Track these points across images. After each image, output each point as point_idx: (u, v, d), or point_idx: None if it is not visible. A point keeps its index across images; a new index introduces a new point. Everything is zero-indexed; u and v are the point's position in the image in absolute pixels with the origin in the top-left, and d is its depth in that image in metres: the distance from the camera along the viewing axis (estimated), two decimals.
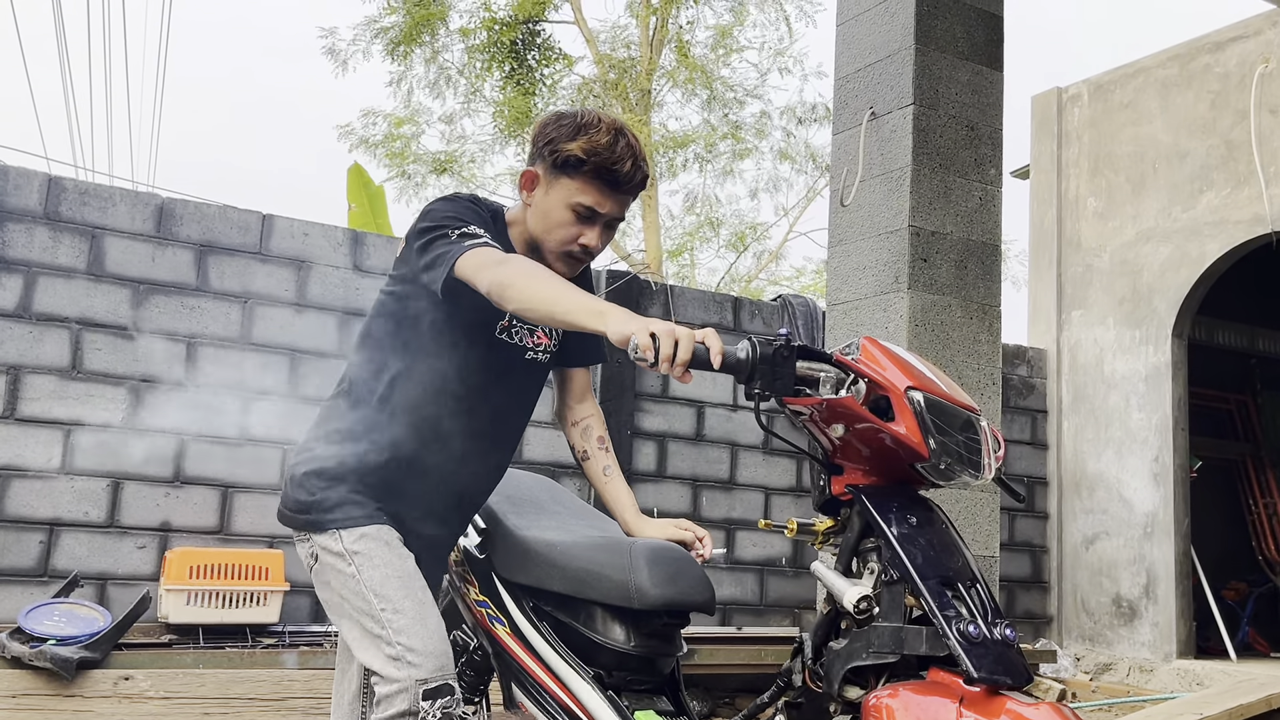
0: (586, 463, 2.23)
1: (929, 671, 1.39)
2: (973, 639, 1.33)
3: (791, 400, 1.50)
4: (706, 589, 1.95)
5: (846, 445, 1.51)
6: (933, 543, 1.45)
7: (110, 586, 4.75)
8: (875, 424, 1.44)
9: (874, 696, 1.36)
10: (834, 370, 1.52)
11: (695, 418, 6.44)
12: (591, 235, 2.02)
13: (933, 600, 1.37)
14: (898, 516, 1.46)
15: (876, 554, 1.49)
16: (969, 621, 1.35)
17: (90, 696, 4.08)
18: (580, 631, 1.99)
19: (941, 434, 1.46)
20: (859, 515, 1.51)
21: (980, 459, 1.50)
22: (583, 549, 2.02)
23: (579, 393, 2.27)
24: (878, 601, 1.44)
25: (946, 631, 1.34)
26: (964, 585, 1.41)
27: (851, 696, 1.46)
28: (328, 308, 5.34)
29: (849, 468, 1.54)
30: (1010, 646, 1.36)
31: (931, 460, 1.44)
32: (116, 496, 4.80)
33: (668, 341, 1.47)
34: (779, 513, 6.64)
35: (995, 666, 1.33)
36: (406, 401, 2.01)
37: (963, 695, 1.32)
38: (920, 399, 1.45)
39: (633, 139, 2.01)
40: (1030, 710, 1.27)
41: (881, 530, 1.44)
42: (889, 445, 1.47)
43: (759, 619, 6.47)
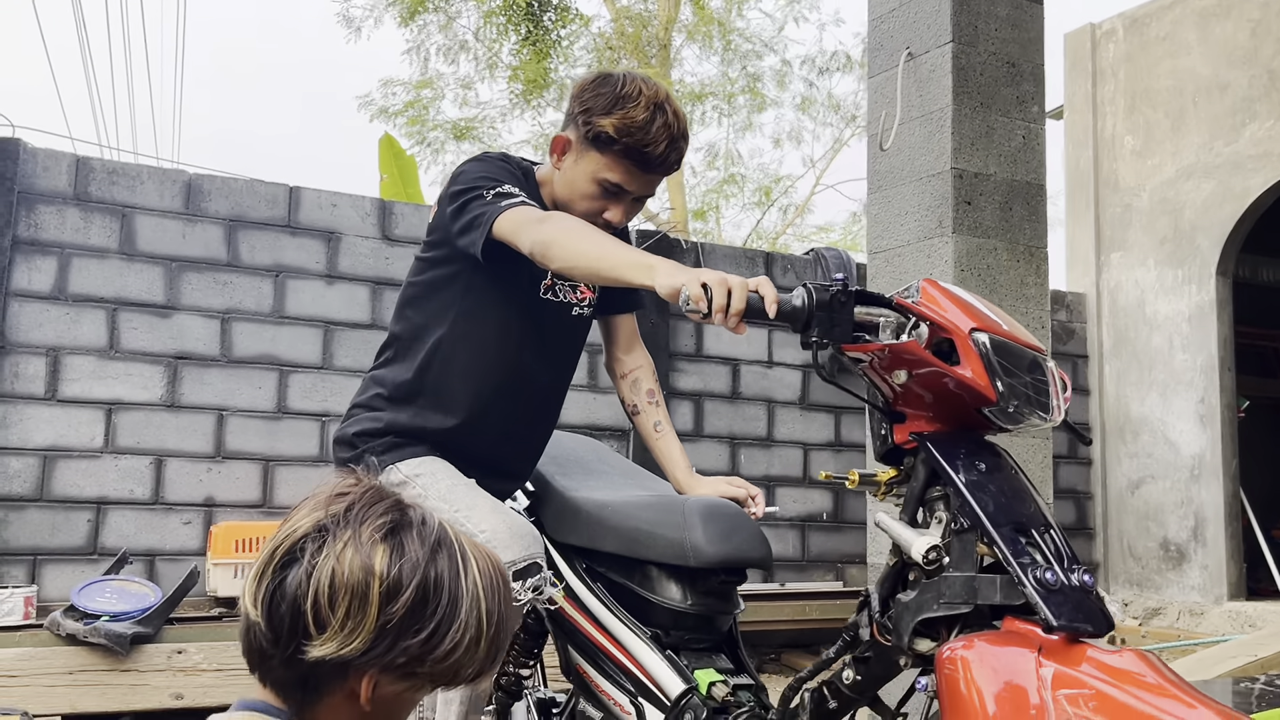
0: (637, 418, 2.19)
1: (1004, 621, 1.34)
2: (1050, 586, 1.29)
3: (850, 347, 1.44)
4: (763, 545, 1.91)
5: (908, 392, 1.46)
6: (1003, 489, 1.40)
7: (159, 562, 4.79)
8: (940, 368, 1.39)
9: (948, 648, 1.32)
10: (893, 314, 1.47)
11: (731, 375, 6.39)
12: (616, 211, 1.96)
13: (1007, 547, 1.32)
14: (965, 463, 1.41)
15: (944, 502, 1.44)
16: (1045, 568, 1.30)
17: (145, 670, 4.12)
18: (635, 591, 1.96)
19: (1009, 376, 1.40)
20: (924, 464, 1.46)
21: (1049, 400, 1.45)
22: (635, 508, 1.99)
23: (626, 341, 2.22)
24: (947, 551, 1.40)
25: (1023, 579, 1.29)
26: (1037, 531, 1.36)
27: (922, 649, 1.42)
28: (359, 278, 5.32)
29: (912, 415, 1.48)
30: (1089, 593, 1.32)
31: (999, 404, 1.39)
32: (160, 473, 4.83)
33: (720, 291, 1.42)
34: (818, 467, 6.59)
35: (1075, 614, 1.28)
36: (452, 367, 1.98)
37: (1041, 644, 1.27)
38: (986, 340, 1.40)
39: (672, 115, 1.92)
40: (1113, 657, 1.23)
41: (949, 477, 1.40)
42: (953, 390, 1.42)
43: (801, 574, 6.45)
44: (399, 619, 1.06)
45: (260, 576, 1.08)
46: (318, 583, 1.05)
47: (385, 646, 1.06)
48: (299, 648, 1.05)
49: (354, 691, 1.08)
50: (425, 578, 1.08)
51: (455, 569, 1.11)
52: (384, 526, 1.09)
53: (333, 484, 1.15)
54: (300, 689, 1.09)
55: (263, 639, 1.08)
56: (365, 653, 1.05)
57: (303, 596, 1.05)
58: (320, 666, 1.06)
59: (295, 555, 1.07)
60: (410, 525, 1.12)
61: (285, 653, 1.07)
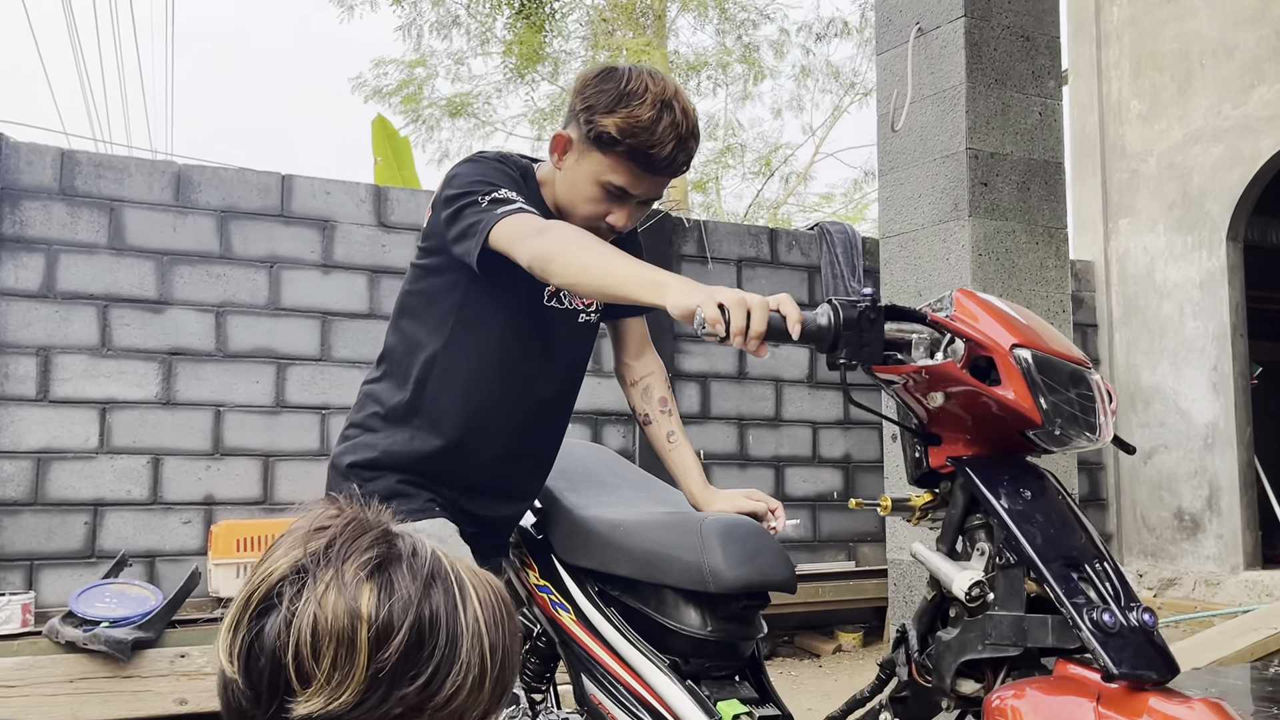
0: (649, 428, 2.08)
1: (1056, 665, 1.25)
2: (1108, 629, 1.19)
3: (881, 369, 1.34)
4: (787, 567, 1.80)
5: (944, 413, 1.35)
6: (1051, 519, 1.29)
7: (159, 563, 4.71)
8: (980, 390, 1.28)
9: (997, 697, 1.22)
10: (927, 331, 1.36)
11: (737, 356, 6.28)
12: (620, 215, 1.83)
13: (1059, 586, 1.22)
14: (1009, 490, 1.31)
15: (985, 531, 1.34)
16: (1102, 609, 1.20)
17: (148, 676, 4.05)
18: (651, 617, 1.85)
19: (1053, 394, 1.29)
20: (963, 490, 1.36)
21: (1095, 419, 1.34)
22: (649, 529, 1.88)
23: (636, 347, 2.11)
24: (991, 587, 1.29)
25: (1078, 621, 1.19)
26: (1090, 566, 1.26)
27: (966, 691, 1.32)
28: (356, 267, 5.20)
29: (948, 437, 1.38)
30: (1150, 634, 1.22)
31: (1044, 426, 1.28)
32: (157, 473, 4.74)
33: (739, 313, 1.31)
34: (827, 446, 6.50)
35: (1136, 659, 1.18)
36: (450, 383, 1.86)
37: (1100, 693, 1.17)
38: (1028, 358, 1.29)
39: (680, 113, 1.78)
40: (1182, 709, 1.13)
41: (992, 507, 1.29)
42: (994, 412, 1.31)
43: (814, 555, 6.38)
44: (392, 666, 0.94)
45: (234, 627, 0.96)
46: (298, 631, 0.93)
47: (379, 698, 0.94)
48: (283, 706, 0.93)
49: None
50: (419, 617, 0.96)
51: (453, 603, 0.99)
52: (370, 563, 0.97)
53: (311, 517, 1.02)
54: None
55: (242, 698, 0.96)
56: (357, 706, 0.93)
57: (282, 649, 0.93)
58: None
59: (272, 601, 0.95)
60: (400, 558, 0.99)
61: (268, 712, 0.95)
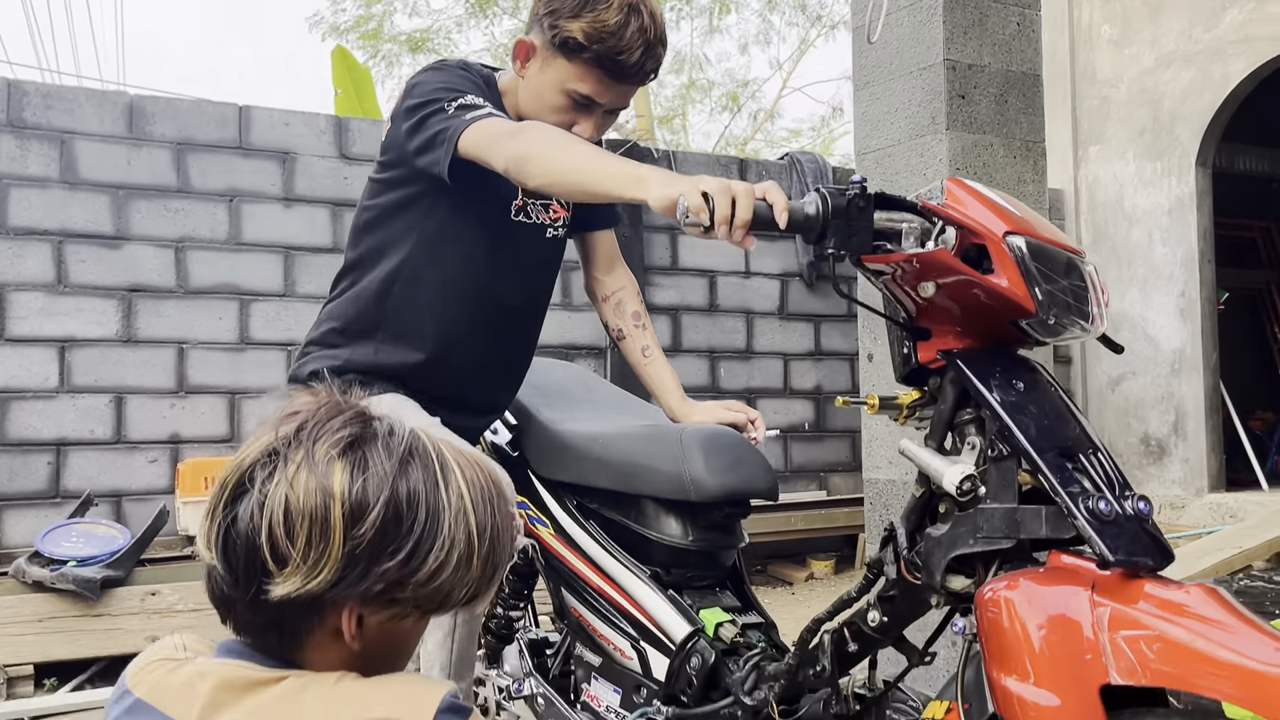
0: (623, 343, 2.03)
1: (1049, 556, 1.22)
2: (1104, 517, 1.16)
3: (870, 258, 1.29)
4: (768, 475, 1.77)
5: (934, 306, 1.31)
6: (1044, 410, 1.26)
7: (125, 503, 4.64)
8: (973, 278, 1.24)
9: (989, 588, 1.19)
10: (917, 220, 1.31)
11: (708, 288, 6.24)
12: (587, 125, 1.77)
13: (1053, 475, 1.19)
14: (1001, 382, 1.27)
15: (976, 427, 1.31)
16: (1097, 497, 1.17)
17: (118, 614, 4.00)
18: (631, 529, 1.82)
19: (1047, 283, 1.26)
20: (953, 384, 1.32)
21: (1089, 308, 1.31)
22: (628, 440, 1.84)
23: (605, 261, 2.06)
24: (983, 480, 1.26)
25: (1073, 510, 1.16)
26: (1084, 455, 1.23)
27: (956, 587, 1.30)
28: (318, 200, 5.09)
29: (938, 331, 1.34)
30: (1145, 522, 1.19)
31: (1038, 314, 1.25)
32: (121, 411, 4.64)
33: (724, 200, 1.25)
34: (799, 378, 6.49)
35: (1132, 546, 1.15)
36: (415, 296, 1.80)
37: (1095, 581, 1.15)
38: (1022, 245, 1.25)
39: (648, 18, 1.71)
40: (1177, 593, 1.11)
41: (984, 399, 1.26)
42: (986, 302, 1.27)
43: (785, 485, 6.39)
44: (369, 542, 0.92)
45: (211, 515, 0.96)
46: (270, 513, 0.92)
47: (357, 575, 0.92)
48: (261, 587, 0.93)
49: (337, 629, 0.96)
50: (395, 493, 0.94)
51: (433, 479, 0.97)
52: (342, 441, 0.96)
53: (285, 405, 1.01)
54: (276, 632, 0.97)
55: (223, 584, 0.96)
56: (336, 584, 0.92)
57: (255, 531, 0.92)
58: (289, 606, 0.93)
59: (245, 486, 0.95)
60: (375, 437, 0.98)
61: (247, 595, 0.94)
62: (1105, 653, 1.10)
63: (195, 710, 0.95)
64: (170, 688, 0.98)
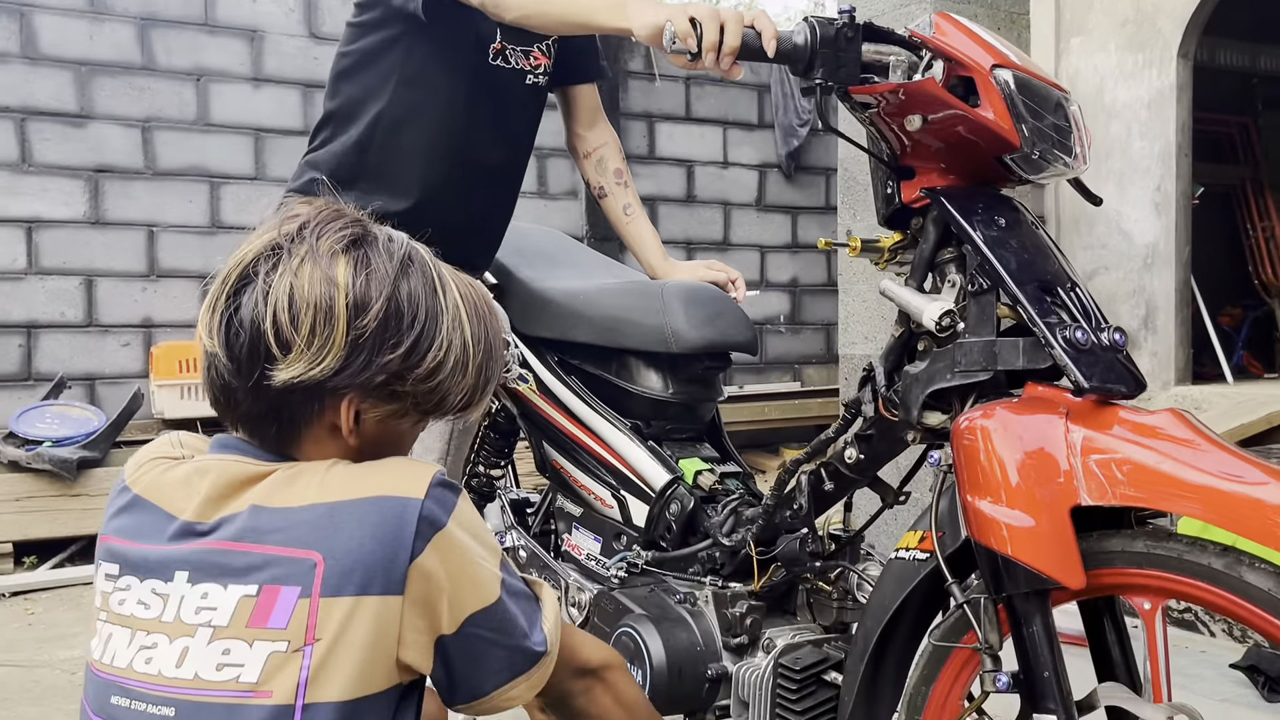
0: (604, 201, 2.02)
1: (1025, 387, 1.24)
2: (1080, 346, 1.18)
3: (858, 89, 1.28)
4: (748, 328, 1.79)
5: (919, 143, 1.31)
6: (1025, 245, 1.27)
7: (99, 386, 4.62)
8: (959, 109, 1.23)
9: (965, 418, 1.21)
10: (904, 54, 1.30)
11: (685, 177, 6.19)
12: None
13: (1032, 306, 1.20)
14: (984, 218, 1.28)
15: (957, 265, 1.31)
16: (1074, 327, 1.19)
17: (95, 495, 4.02)
18: (612, 382, 1.84)
19: (1033, 118, 1.25)
20: (935, 223, 1.33)
21: (1072, 145, 1.31)
22: (609, 295, 1.85)
23: (587, 117, 2.03)
24: (962, 316, 1.28)
25: (1050, 340, 1.18)
26: (1063, 289, 1.24)
27: (933, 423, 1.32)
28: (288, 81, 4.98)
29: (922, 169, 1.33)
30: (1119, 352, 1.21)
31: (1023, 149, 1.24)
32: (91, 294, 4.60)
33: (712, 26, 1.23)
34: (775, 271, 6.50)
35: (1107, 374, 1.17)
36: (396, 145, 1.79)
37: (1069, 408, 1.17)
38: (1009, 79, 1.24)
39: None
40: (1148, 418, 1.13)
41: (967, 234, 1.26)
42: (968, 137, 1.27)
43: (759, 377, 6.45)
44: (372, 332, 0.95)
45: (213, 307, 0.98)
46: (276, 301, 0.94)
47: (360, 364, 0.95)
48: (264, 374, 0.95)
49: (334, 424, 0.98)
50: (396, 290, 0.97)
51: (430, 285, 1.00)
52: (345, 239, 0.98)
53: (285, 209, 1.02)
54: (274, 421, 0.99)
55: (225, 371, 0.97)
56: (340, 371, 0.95)
57: (261, 317, 0.94)
58: (291, 394, 0.95)
59: (249, 277, 0.96)
60: (375, 240, 1.00)
61: (249, 382, 0.96)
62: (1077, 475, 1.13)
63: (194, 505, 0.96)
64: (168, 484, 1.00)
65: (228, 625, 0.91)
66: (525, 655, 1.01)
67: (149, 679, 0.92)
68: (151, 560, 0.95)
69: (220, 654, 0.91)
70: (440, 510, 0.94)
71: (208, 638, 0.91)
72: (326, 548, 0.91)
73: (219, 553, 0.93)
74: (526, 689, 1.02)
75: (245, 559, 0.92)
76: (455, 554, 0.95)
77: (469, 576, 0.96)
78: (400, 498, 0.93)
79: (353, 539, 0.91)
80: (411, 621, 0.92)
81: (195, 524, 0.95)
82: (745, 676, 1.50)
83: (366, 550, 0.91)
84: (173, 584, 0.94)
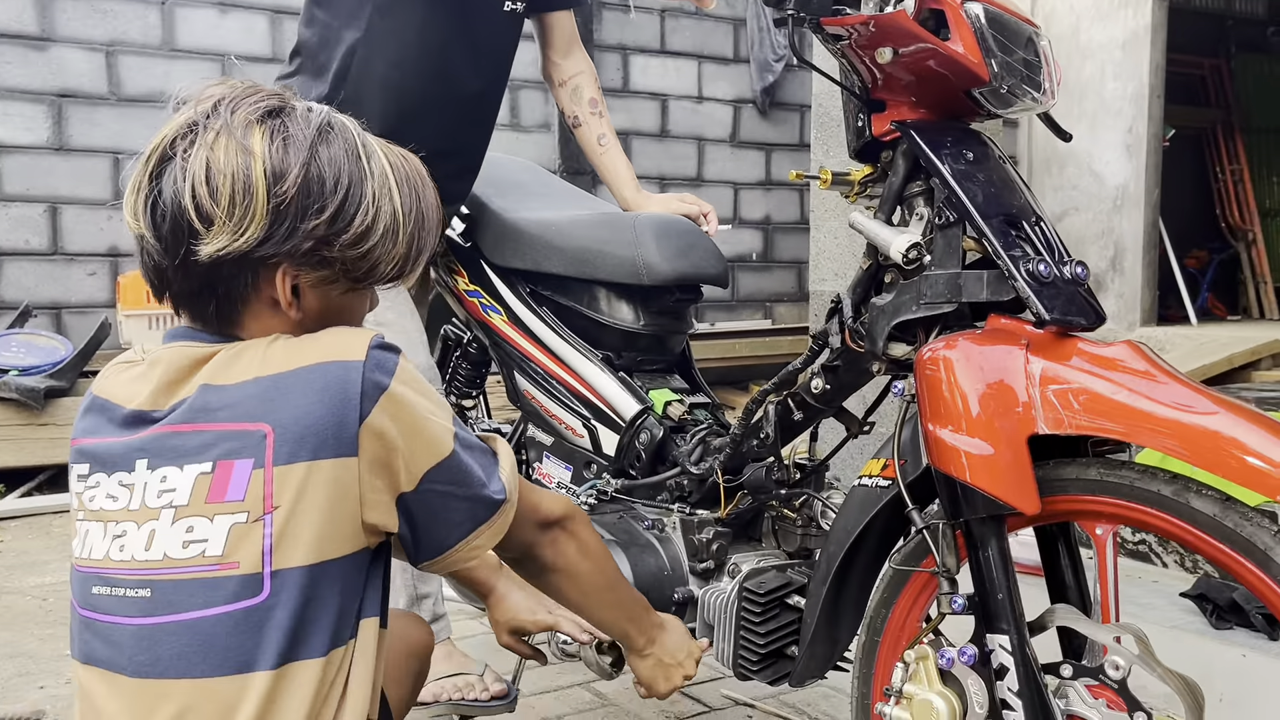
0: (578, 130, 2.01)
1: (988, 319, 1.27)
2: (1042, 279, 1.20)
3: (829, 21, 1.28)
4: (719, 261, 1.80)
5: (890, 77, 1.31)
6: (992, 179, 1.29)
7: (66, 315, 4.58)
8: (929, 42, 1.24)
9: (928, 349, 1.24)
10: None
11: (659, 112, 6.15)
12: None
13: (997, 239, 1.22)
14: (952, 152, 1.29)
15: (925, 198, 1.33)
16: (1037, 260, 1.21)
17: (63, 424, 4.00)
18: (584, 314, 1.85)
19: (1003, 52, 1.26)
20: (904, 156, 1.34)
21: (1041, 80, 1.32)
22: (582, 226, 1.85)
23: (563, 44, 2.02)
24: (929, 249, 1.30)
25: (1013, 272, 1.20)
26: (1028, 223, 1.26)
27: (897, 354, 1.35)
28: (255, 6, 4.88)
29: (893, 102, 1.34)
30: (1081, 285, 1.24)
31: (992, 83, 1.26)
32: (56, 222, 4.53)
33: None
34: (748, 208, 6.49)
35: (1068, 307, 1.20)
36: (371, 74, 1.77)
37: (1029, 340, 1.20)
38: (979, 12, 1.25)
39: None
40: (1105, 349, 1.16)
41: (935, 167, 1.28)
42: (938, 71, 1.28)
43: (731, 314, 6.48)
44: (292, 199, 0.96)
45: (137, 188, 0.99)
46: (193, 175, 0.95)
47: (285, 232, 0.96)
48: (190, 251, 0.96)
49: (273, 298, 1.00)
50: (315, 155, 0.98)
51: (353, 151, 1.01)
52: (259, 109, 0.99)
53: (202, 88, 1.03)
54: (210, 298, 1.00)
55: (154, 252, 0.99)
56: (263, 242, 0.96)
57: (179, 194, 0.95)
58: (220, 268, 0.97)
59: (168, 156, 0.98)
60: (292, 110, 1.01)
61: (175, 260, 0.98)
62: (1035, 405, 1.16)
63: (146, 392, 0.98)
64: (124, 380, 1.02)
65: (188, 504, 0.94)
66: (485, 504, 1.03)
67: (123, 565, 0.95)
68: (115, 452, 0.98)
69: (184, 532, 0.94)
70: (381, 371, 0.96)
71: (171, 518, 0.94)
72: (275, 418, 0.93)
73: (172, 436, 0.96)
74: (489, 537, 1.05)
75: (198, 439, 0.95)
76: (405, 411, 0.97)
77: (421, 432, 0.98)
78: (341, 361, 0.95)
79: (299, 407, 0.93)
80: (370, 482, 0.95)
81: (149, 412, 0.98)
82: (711, 600, 1.54)
83: (315, 416, 0.93)
84: (135, 474, 0.97)
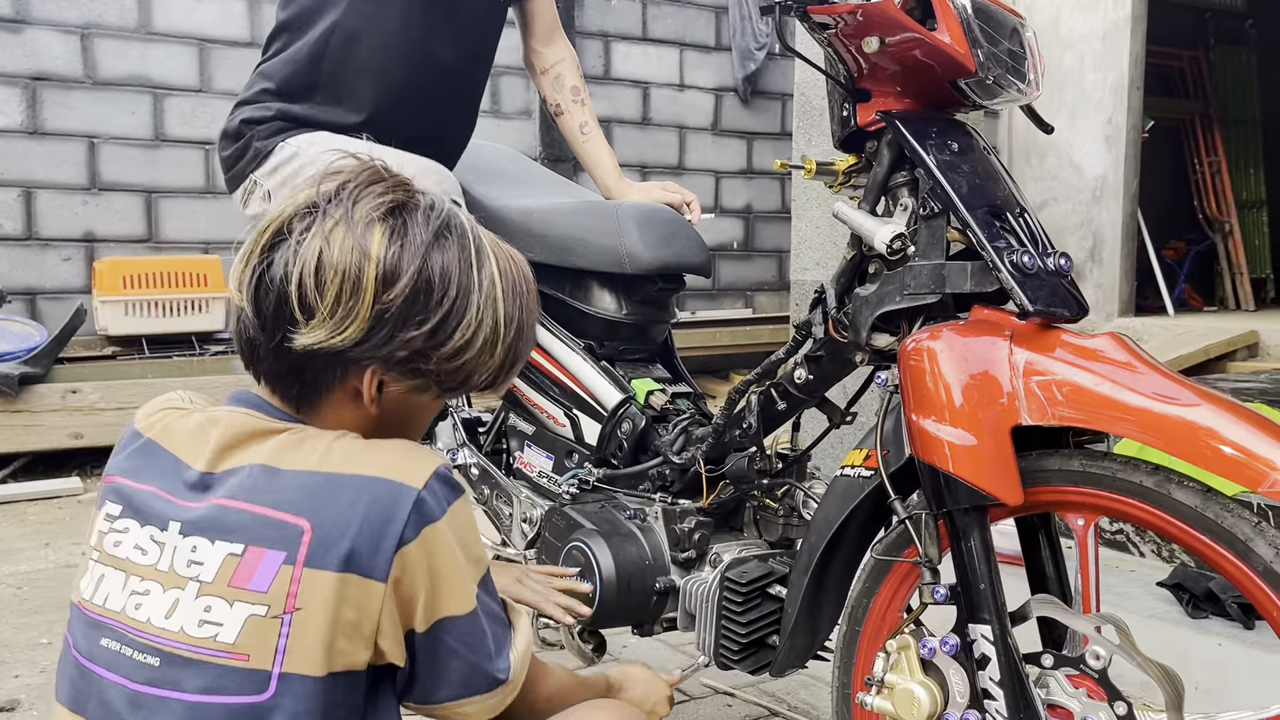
0: (560, 119, 2.00)
1: (971, 310, 1.27)
2: (1026, 270, 1.20)
3: (816, 9, 1.28)
4: (702, 250, 1.80)
5: (876, 65, 1.31)
6: (976, 170, 1.28)
7: (40, 301, 4.53)
8: (917, 32, 1.23)
9: (911, 340, 1.24)
10: None
11: (641, 99, 6.13)
12: None
13: (981, 230, 1.22)
14: (937, 143, 1.29)
15: (909, 189, 1.33)
16: (1021, 251, 1.21)
17: (39, 410, 3.97)
18: (566, 303, 1.85)
19: (989, 43, 1.26)
20: (889, 146, 1.34)
21: (1026, 71, 1.32)
22: (564, 215, 1.84)
23: (544, 32, 2.00)
24: (913, 239, 1.29)
25: (997, 263, 1.20)
26: (1012, 214, 1.26)
27: (881, 345, 1.34)
28: None
29: (878, 92, 1.34)
30: (1064, 277, 1.24)
31: (978, 74, 1.25)
32: (30, 206, 4.48)
33: None
34: (730, 197, 6.49)
35: (1051, 298, 1.20)
36: (351, 58, 1.75)
37: (1013, 331, 1.20)
38: (966, 3, 1.24)
39: None
40: (1088, 341, 1.16)
41: (920, 158, 1.27)
42: (924, 61, 1.27)
43: (712, 303, 6.48)
44: (398, 307, 0.94)
45: (246, 260, 0.97)
46: (303, 263, 0.93)
47: (383, 337, 0.94)
48: (286, 336, 0.94)
49: (357, 390, 0.98)
50: (428, 263, 0.95)
51: (467, 259, 0.98)
52: (383, 205, 0.96)
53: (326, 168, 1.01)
54: (296, 382, 0.99)
55: (250, 326, 0.97)
56: (361, 342, 0.94)
57: (287, 279, 0.93)
58: (314, 358, 0.95)
59: (283, 235, 0.95)
60: (415, 207, 0.98)
61: (271, 341, 0.96)
62: (1018, 396, 1.16)
63: (206, 453, 0.96)
64: (180, 430, 0.99)
65: (212, 582, 0.91)
66: (485, 678, 0.99)
67: (138, 626, 0.93)
68: (156, 509, 0.95)
69: (203, 610, 0.91)
70: (435, 505, 0.94)
71: (195, 592, 0.92)
72: (317, 518, 0.91)
73: (214, 508, 0.94)
74: (479, 711, 1.00)
75: (236, 517, 0.93)
76: (442, 553, 0.94)
77: (449, 579, 0.95)
78: (398, 483, 0.92)
79: (343, 514, 0.91)
80: (390, 610, 0.92)
81: (208, 475, 0.96)
82: (692, 590, 1.54)
83: (354, 528, 0.91)
84: (167, 533, 0.94)
